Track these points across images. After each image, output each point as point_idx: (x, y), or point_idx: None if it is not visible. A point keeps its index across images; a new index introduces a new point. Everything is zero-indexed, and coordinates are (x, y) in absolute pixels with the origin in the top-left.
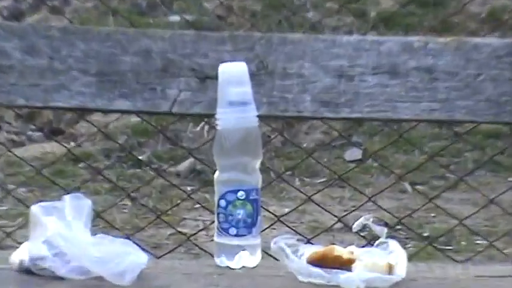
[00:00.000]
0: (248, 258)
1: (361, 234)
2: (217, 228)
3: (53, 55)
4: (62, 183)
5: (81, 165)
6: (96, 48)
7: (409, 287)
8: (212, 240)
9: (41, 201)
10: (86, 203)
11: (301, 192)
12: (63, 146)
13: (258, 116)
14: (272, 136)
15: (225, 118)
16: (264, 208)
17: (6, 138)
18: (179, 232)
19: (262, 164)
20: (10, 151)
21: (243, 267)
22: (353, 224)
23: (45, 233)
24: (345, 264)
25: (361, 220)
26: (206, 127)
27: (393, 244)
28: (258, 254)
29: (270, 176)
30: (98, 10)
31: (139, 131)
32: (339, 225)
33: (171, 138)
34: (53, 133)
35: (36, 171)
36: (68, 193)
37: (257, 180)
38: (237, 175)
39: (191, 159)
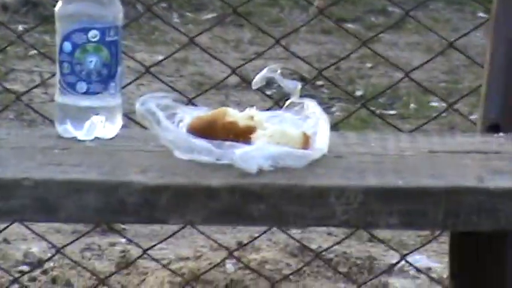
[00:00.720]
0: (104, 127)
1: (266, 92)
2: (60, 84)
3: None
4: None
5: None
6: None
7: (334, 166)
8: (53, 100)
9: None
10: None
11: (181, 32)
12: None
13: None
14: None
15: None
16: (126, 55)
17: None
18: (6, 89)
19: None
20: None
21: (96, 138)
22: (254, 78)
23: None
24: (242, 135)
25: (266, 72)
26: None
27: (311, 106)
28: (118, 120)
29: (136, 10)
30: None
31: None
32: (234, 79)
33: None
34: None
35: None
36: None
37: (116, 14)
38: (87, 7)
39: None
